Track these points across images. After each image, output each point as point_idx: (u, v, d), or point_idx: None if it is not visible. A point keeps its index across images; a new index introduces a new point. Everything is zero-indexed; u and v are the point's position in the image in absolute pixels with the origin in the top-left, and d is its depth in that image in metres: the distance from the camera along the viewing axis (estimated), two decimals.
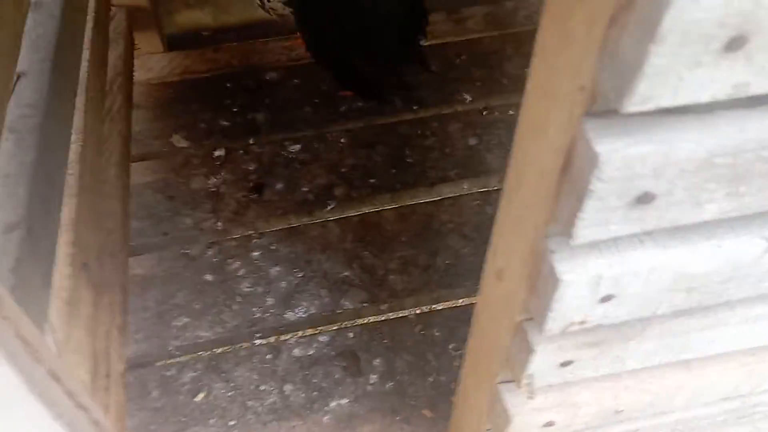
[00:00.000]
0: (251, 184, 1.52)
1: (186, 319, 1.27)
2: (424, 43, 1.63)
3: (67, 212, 0.96)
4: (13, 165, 0.78)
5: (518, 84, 1.75)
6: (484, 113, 1.68)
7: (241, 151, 1.59)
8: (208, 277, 1.34)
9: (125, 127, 1.51)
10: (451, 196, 1.51)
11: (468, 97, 1.72)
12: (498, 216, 0.62)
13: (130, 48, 1.73)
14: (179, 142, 1.62)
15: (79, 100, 1.16)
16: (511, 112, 1.68)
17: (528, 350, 0.61)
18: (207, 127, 1.65)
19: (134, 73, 1.77)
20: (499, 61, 1.82)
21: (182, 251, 1.38)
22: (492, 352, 0.72)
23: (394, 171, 1.55)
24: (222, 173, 1.54)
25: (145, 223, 1.44)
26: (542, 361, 0.62)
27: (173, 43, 1.93)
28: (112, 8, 1.69)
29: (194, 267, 1.36)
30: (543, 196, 0.50)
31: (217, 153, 1.58)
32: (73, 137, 1.07)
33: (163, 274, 1.34)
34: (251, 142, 1.62)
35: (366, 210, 1.48)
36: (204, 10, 1.98)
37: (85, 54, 1.26)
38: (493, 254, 0.66)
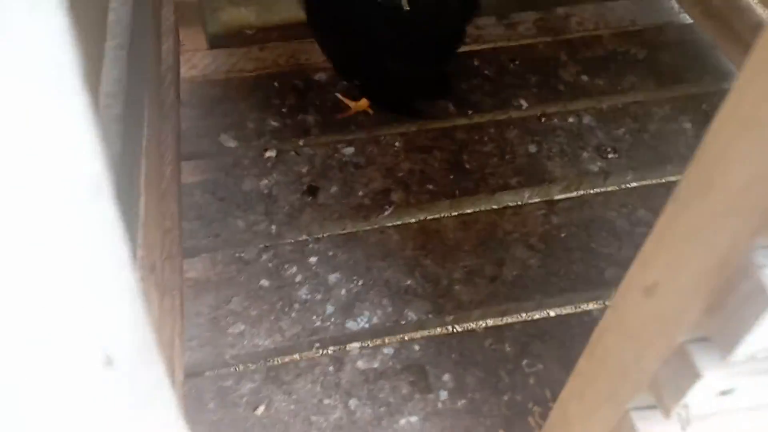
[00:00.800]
0: (305, 187, 1.46)
1: (242, 327, 1.21)
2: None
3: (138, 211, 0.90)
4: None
5: (575, 91, 1.69)
6: (542, 120, 1.62)
7: (293, 153, 1.53)
8: (264, 283, 1.28)
9: (177, 123, 1.45)
10: (513, 204, 1.45)
11: (524, 104, 1.66)
12: (660, 224, 0.56)
13: (177, 43, 1.68)
14: (228, 141, 1.56)
15: (143, 93, 1.10)
16: (570, 120, 1.62)
17: (691, 376, 0.55)
18: (256, 127, 1.59)
19: (180, 70, 1.72)
20: (554, 68, 1.77)
21: (236, 254, 1.32)
22: (625, 375, 0.66)
23: (452, 177, 1.49)
24: (274, 175, 1.48)
25: (195, 225, 1.38)
26: (704, 388, 0.56)
27: (216, 41, 1.88)
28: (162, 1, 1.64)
29: (249, 271, 1.30)
30: (754, 201, 0.43)
31: (267, 154, 1.53)
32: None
33: (216, 278, 1.28)
34: (302, 143, 1.56)
35: (425, 217, 1.42)
36: (248, 8, 1.93)
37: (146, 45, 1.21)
38: (642, 267, 0.60)
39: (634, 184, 1.50)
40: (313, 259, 1.32)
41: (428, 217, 1.42)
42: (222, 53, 1.81)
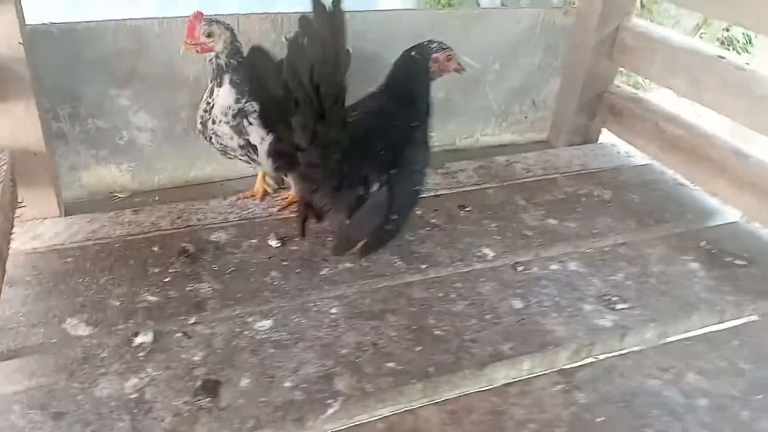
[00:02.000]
0: (199, 383, 0.93)
1: None
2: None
3: None
4: None
5: (546, 236, 1.35)
6: (518, 269, 1.24)
7: (180, 335, 1.02)
8: None
9: None
10: (515, 380, 0.99)
11: (489, 252, 1.29)
12: None
13: (9, 200, 1.19)
14: (77, 328, 1.03)
15: None
16: (553, 267, 1.25)
17: None
18: (123, 305, 1.09)
19: (12, 240, 1.21)
20: (513, 212, 1.44)
21: None
22: None
23: (419, 349, 1.02)
24: (148, 369, 0.95)
25: None
26: None
27: (74, 207, 1.41)
28: None
29: None
30: None
31: (139, 340, 1.01)
32: None
33: None
34: (193, 321, 1.06)
35: (390, 410, 0.92)
36: (121, 167, 1.51)
37: None
38: None
39: (664, 341, 1.10)
40: None
41: (397, 411, 0.92)
42: (79, 220, 1.34)
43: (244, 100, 1.25)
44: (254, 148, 1.27)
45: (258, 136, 1.26)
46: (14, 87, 1.19)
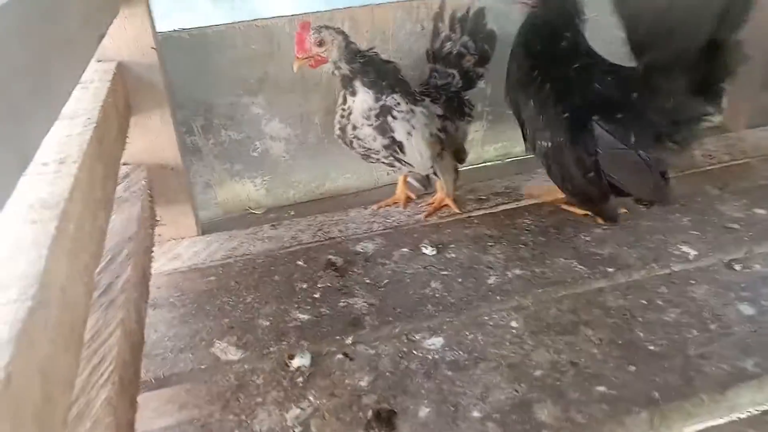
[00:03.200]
0: (370, 414, 0.78)
1: None
2: None
3: None
4: None
5: (756, 228, 1.10)
6: (735, 268, 1.00)
7: (340, 356, 0.88)
8: None
9: (133, 321, 0.82)
10: None
11: (690, 251, 1.06)
12: None
13: (149, 216, 1.11)
14: (226, 352, 0.92)
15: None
16: None
17: None
18: (273, 324, 0.96)
19: (152, 262, 1.13)
20: (707, 203, 1.20)
21: None
22: None
23: (633, 369, 0.82)
24: (310, 397, 0.81)
25: None
26: None
27: (211, 226, 1.33)
28: (128, 164, 1.11)
29: None
30: None
31: (296, 363, 0.87)
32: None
33: None
34: (352, 340, 0.92)
35: None
36: (256, 182, 1.42)
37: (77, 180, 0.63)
38: None
39: None
40: None
41: None
42: (217, 237, 1.25)
43: (384, 96, 1.11)
44: (400, 145, 1.12)
45: (404, 131, 1.11)
46: (149, 97, 1.12)
